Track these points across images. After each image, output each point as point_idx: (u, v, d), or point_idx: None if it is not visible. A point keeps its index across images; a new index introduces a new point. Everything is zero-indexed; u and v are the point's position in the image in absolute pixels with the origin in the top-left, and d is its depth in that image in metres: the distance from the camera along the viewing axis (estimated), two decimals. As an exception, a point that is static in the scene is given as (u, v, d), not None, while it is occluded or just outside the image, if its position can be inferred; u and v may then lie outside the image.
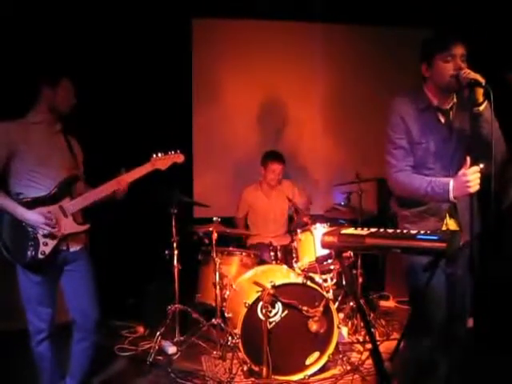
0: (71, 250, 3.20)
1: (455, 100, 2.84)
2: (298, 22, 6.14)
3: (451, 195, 2.61)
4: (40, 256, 3.04)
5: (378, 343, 4.00)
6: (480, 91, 2.57)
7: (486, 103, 2.60)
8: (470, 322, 3.13)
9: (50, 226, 3.05)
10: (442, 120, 2.83)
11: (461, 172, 2.57)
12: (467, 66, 2.67)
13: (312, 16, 6.01)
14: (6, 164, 3.04)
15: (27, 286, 3.12)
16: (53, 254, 3.09)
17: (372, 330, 4.48)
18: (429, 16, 5.66)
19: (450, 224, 2.85)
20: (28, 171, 3.07)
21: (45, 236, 3.06)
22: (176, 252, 4.51)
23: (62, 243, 3.15)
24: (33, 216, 3.03)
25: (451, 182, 2.60)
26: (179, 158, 3.62)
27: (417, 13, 5.81)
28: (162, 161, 3.51)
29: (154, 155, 3.51)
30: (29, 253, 3.03)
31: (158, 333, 4.25)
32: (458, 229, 2.85)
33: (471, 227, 2.80)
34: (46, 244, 3.06)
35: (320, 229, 4.22)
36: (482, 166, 2.55)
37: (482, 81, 2.54)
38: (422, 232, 2.27)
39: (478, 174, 2.54)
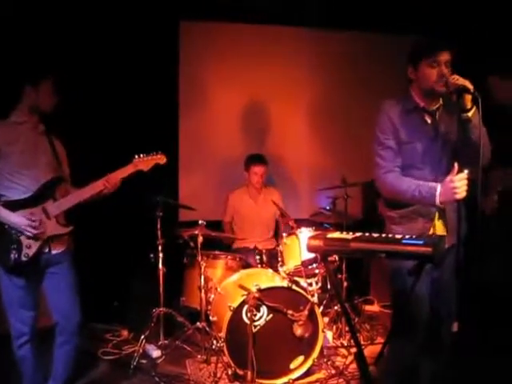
0: (53, 252, 3.18)
1: (441, 102, 2.88)
2: (285, 26, 6.14)
3: (437, 200, 2.64)
4: (23, 259, 3.02)
5: (363, 347, 4.03)
6: (468, 97, 2.61)
7: (474, 109, 2.63)
8: (455, 326, 3.15)
9: (34, 228, 3.03)
10: (429, 121, 2.88)
11: (448, 178, 2.60)
12: (452, 72, 2.72)
13: (299, 21, 6.03)
14: None
15: (9, 289, 3.09)
16: (36, 257, 3.07)
17: (357, 334, 4.48)
18: (416, 23, 5.69)
19: (438, 226, 2.87)
20: (11, 172, 3.06)
21: (28, 238, 3.04)
22: (161, 255, 4.48)
23: (45, 245, 3.13)
24: (16, 218, 3.01)
25: (438, 187, 2.63)
26: (161, 159, 3.62)
27: (405, 20, 5.85)
28: (144, 162, 3.51)
29: (137, 156, 3.50)
30: (12, 256, 3.01)
31: (142, 336, 4.23)
32: (444, 231, 2.87)
33: (458, 231, 2.84)
34: (29, 246, 3.05)
35: (305, 233, 4.21)
36: (467, 172, 2.57)
37: (471, 87, 2.57)
38: (408, 236, 2.27)
39: (465, 181, 2.57)
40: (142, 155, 3.52)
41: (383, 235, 2.35)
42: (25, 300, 3.12)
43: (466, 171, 2.58)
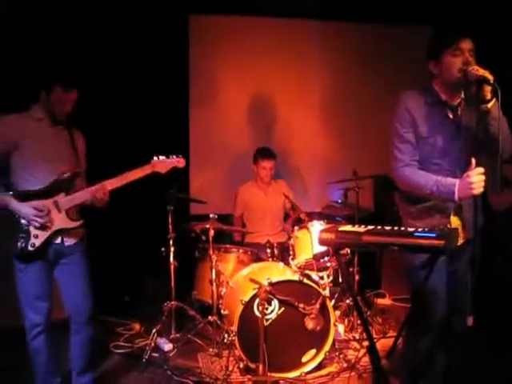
0: (66, 243, 3.23)
1: (463, 96, 2.83)
2: (295, 19, 6.12)
3: (456, 196, 2.60)
4: (30, 248, 3.07)
5: (375, 341, 4.03)
6: (488, 88, 2.55)
7: (493, 101, 2.58)
8: (471, 321, 3.12)
9: (41, 220, 3.07)
10: (450, 116, 2.81)
11: (465, 174, 2.56)
12: (475, 61, 2.65)
13: (310, 13, 5.99)
14: (5, 157, 3.11)
15: (23, 279, 3.14)
16: (44, 247, 3.12)
17: (369, 327, 4.47)
18: (428, 14, 5.66)
19: (454, 221, 2.84)
20: (26, 164, 3.12)
21: (36, 229, 3.09)
22: (172, 249, 4.50)
23: (56, 237, 3.18)
24: (24, 208, 3.06)
25: (457, 183, 2.59)
26: (180, 162, 3.62)
27: (415, 11, 5.81)
28: (162, 164, 3.51)
29: (155, 158, 3.50)
30: (19, 244, 3.07)
31: (153, 330, 4.24)
32: (460, 226, 2.84)
33: (475, 224, 2.81)
34: (36, 237, 3.09)
35: (317, 226, 4.20)
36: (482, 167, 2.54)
37: (491, 78, 2.51)
38: (420, 229, 2.26)
39: (483, 177, 2.53)
40: (161, 157, 3.51)
41: (395, 228, 2.33)
42: (39, 290, 3.16)
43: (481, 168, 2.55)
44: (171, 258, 4.49)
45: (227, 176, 5.89)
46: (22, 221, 3.07)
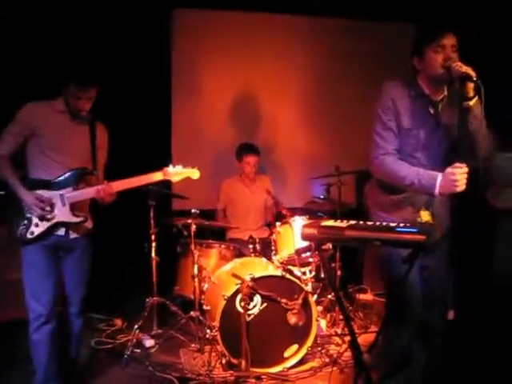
0: (71, 236, 3.30)
1: (446, 93, 2.84)
2: (279, 14, 6.12)
3: (436, 191, 2.59)
4: (28, 236, 3.13)
5: (357, 336, 4.04)
6: (471, 86, 2.55)
7: (476, 99, 2.58)
8: (451, 315, 3.16)
9: (40, 211, 3.12)
10: (432, 111, 2.82)
11: (449, 170, 2.55)
12: (458, 57, 2.67)
13: (293, 9, 5.99)
14: (23, 143, 3.18)
15: (29, 269, 3.19)
16: (44, 237, 3.17)
17: (351, 322, 4.49)
18: (410, 11, 5.67)
19: (424, 216, 2.84)
20: (40, 154, 3.19)
21: (39, 218, 3.14)
22: (154, 244, 4.48)
23: (57, 229, 3.22)
24: (27, 196, 3.12)
25: (439, 178, 2.58)
26: (195, 174, 3.71)
27: (397, 8, 5.83)
28: (175, 174, 3.59)
29: (171, 166, 3.57)
30: (19, 230, 3.13)
31: (135, 326, 4.22)
32: (431, 221, 2.85)
33: (447, 222, 2.85)
34: (36, 225, 3.15)
35: (299, 221, 4.21)
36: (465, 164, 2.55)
37: (474, 75, 2.52)
38: (402, 224, 2.27)
39: (466, 174, 2.54)
40: (176, 166, 3.59)
41: (377, 223, 2.34)
42: (42, 281, 3.18)
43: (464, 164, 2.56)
44: (153, 254, 4.47)
45: (210, 172, 5.85)
46: (26, 208, 3.14)
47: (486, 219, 3.80)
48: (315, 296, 4.44)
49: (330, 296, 4.67)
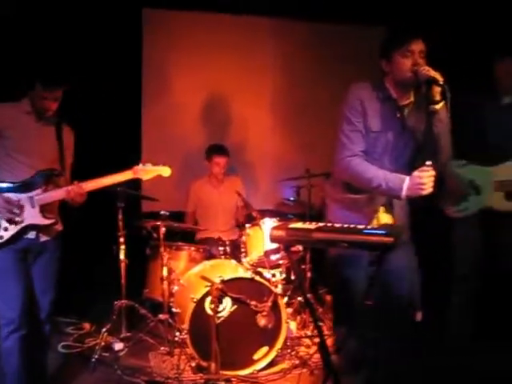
0: (42, 239, 3.24)
1: (412, 99, 2.86)
2: (251, 16, 6.11)
3: (403, 193, 2.61)
4: None
5: (326, 337, 4.06)
6: (437, 90, 2.58)
7: (442, 103, 2.61)
8: (419, 316, 3.18)
9: (8, 214, 3.06)
10: (398, 114, 2.85)
11: (416, 173, 2.57)
12: (426, 63, 2.69)
13: (266, 11, 6.00)
14: None
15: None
16: (14, 241, 3.10)
17: (320, 324, 4.50)
18: (382, 15, 5.71)
19: (383, 217, 2.88)
20: (6, 157, 3.13)
21: (7, 221, 3.08)
22: (123, 247, 4.43)
23: (27, 232, 3.16)
24: None
25: (406, 181, 2.60)
26: (166, 171, 3.67)
27: (369, 11, 5.87)
28: (145, 171, 3.55)
29: (141, 165, 3.52)
30: None
31: (104, 329, 4.17)
32: (391, 223, 2.88)
33: (407, 224, 2.88)
34: (6, 229, 3.08)
35: (269, 223, 4.20)
36: (429, 163, 2.58)
37: (441, 79, 2.55)
38: (369, 227, 2.29)
39: (433, 178, 2.57)
40: (146, 164, 3.55)
41: (345, 225, 2.35)
42: (12, 285, 3.11)
43: (427, 163, 2.58)
44: (122, 256, 4.42)
45: (180, 173, 5.82)
46: None
47: (443, 223, 3.85)
48: (285, 298, 4.45)
49: (300, 298, 4.66)
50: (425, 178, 2.54)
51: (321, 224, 2.37)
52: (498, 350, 3.75)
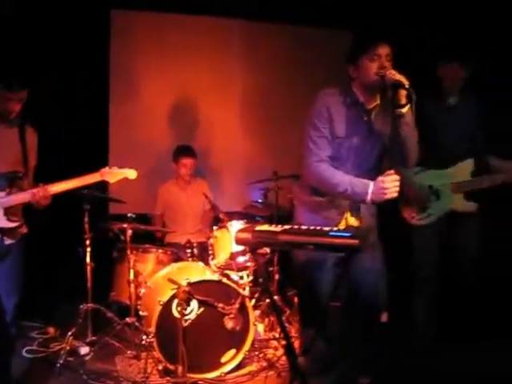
0: (6, 242, 3.22)
1: (378, 101, 2.90)
2: (219, 18, 6.10)
3: (368, 198, 2.65)
4: None
5: (294, 339, 4.07)
6: (403, 93, 2.63)
7: (408, 106, 2.66)
8: (385, 317, 3.20)
9: None
10: (365, 118, 2.89)
11: (380, 178, 2.62)
12: (392, 66, 2.75)
13: (235, 13, 6.00)
14: None
15: None
16: None
17: (287, 326, 4.52)
18: (350, 19, 5.76)
19: (350, 220, 2.92)
20: None
21: None
22: (89, 249, 4.37)
23: None
24: None
25: (371, 185, 2.64)
26: (132, 174, 3.69)
27: (339, 15, 5.91)
28: (112, 174, 3.54)
29: (108, 167, 3.53)
30: None
31: (69, 333, 4.10)
32: (357, 225, 2.92)
33: (374, 226, 2.92)
34: None
35: (236, 225, 4.19)
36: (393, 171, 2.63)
37: (406, 83, 2.60)
38: (335, 229, 2.30)
39: (397, 182, 2.60)
40: (113, 168, 3.56)
41: (311, 228, 2.36)
42: None
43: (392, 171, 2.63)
44: (88, 259, 4.37)
45: (148, 175, 5.78)
46: None
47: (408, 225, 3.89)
48: (253, 300, 4.44)
49: (268, 300, 4.67)
50: (388, 183, 2.59)
51: (287, 226, 2.37)
52: (461, 352, 3.80)
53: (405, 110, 2.67)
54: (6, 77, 3.11)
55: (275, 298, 4.62)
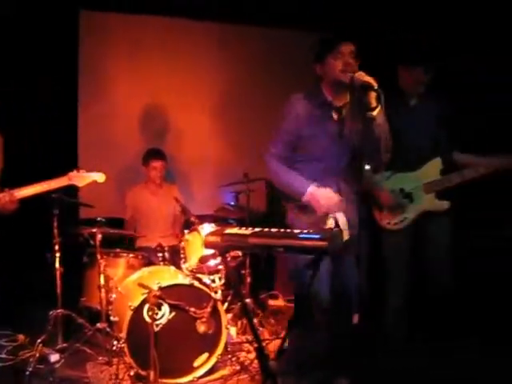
0: None
1: (348, 99, 2.95)
2: (190, 20, 6.06)
3: (305, 198, 2.81)
4: None
5: (267, 342, 4.07)
6: (373, 95, 2.66)
7: (379, 108, 2.69)
8: (355, 318, 3.22)
9: None
10: (335, 117, 2.94)
11: (322, 190, 2.78)
12: (356, 63, 2.82)
13: (206, 15, 5.98)
14: None
15: None
16: None
17: (259, 329, 4.51)
18: (323, 20, 5.78)
19: (330, 222, 2.92)
20: None
21: None
22: (58, 254, 4.31)
23: None
24: None
25: (309, 188, 2.79)
26: (100, 177, 3.63)
27: (308, 17, 5.93)
28: (80, 178, 3.49)
29: (75, 171, 3.53)
30: None
31: (38, 340, 4.04)
32: (346, 222, 2.93)
33: (356, 226, 2.93)
34: None
35: (207, 228, 4.18)
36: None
37: (375, 84, 2.63)
38: (305, 231, 2.31)
39: (333, 200, 2.77)
40: (81, 171, 3.56)
41: (281, 230, 2.37)
42: None
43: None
44: (57, 264, 4.30)
45: (118, 179, 5.73)
46: None
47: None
48: (226, 304, 4.43)
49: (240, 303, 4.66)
50: (322, 200, 2.69)
51: (257, 229, 2.37)
52: (432, 353, 3.84)
53: (375, 112, 2.71)
54: None
55: (247, 300, 4.61)
